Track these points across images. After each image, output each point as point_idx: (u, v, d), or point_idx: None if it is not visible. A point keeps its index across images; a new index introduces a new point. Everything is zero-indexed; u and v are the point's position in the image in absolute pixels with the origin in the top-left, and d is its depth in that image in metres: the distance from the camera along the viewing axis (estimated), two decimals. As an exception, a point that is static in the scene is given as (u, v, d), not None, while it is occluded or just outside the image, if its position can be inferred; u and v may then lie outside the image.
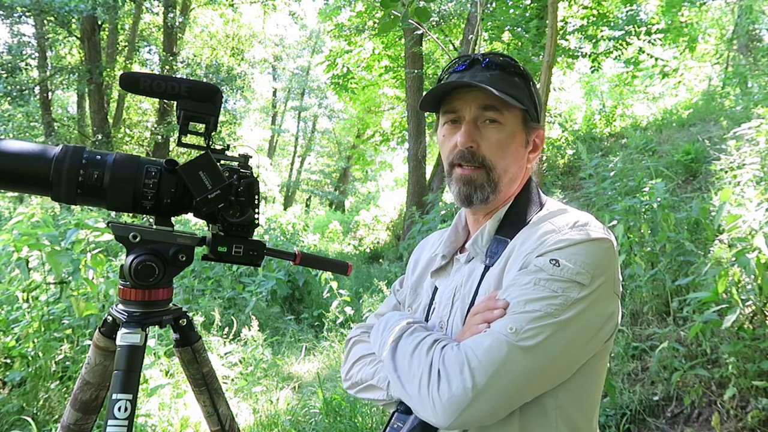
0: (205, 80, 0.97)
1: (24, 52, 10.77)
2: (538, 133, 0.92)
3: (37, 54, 11.47)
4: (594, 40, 7.11)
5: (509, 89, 0.85)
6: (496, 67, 0.87)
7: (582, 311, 0.73)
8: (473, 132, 0.87)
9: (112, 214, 4.51)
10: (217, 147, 0.89)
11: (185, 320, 0.94)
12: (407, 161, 9.71)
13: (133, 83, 0.81)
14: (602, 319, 0.77)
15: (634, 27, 6.76)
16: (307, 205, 22.25)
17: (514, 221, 0.88)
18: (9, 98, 9.88)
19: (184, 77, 0.91)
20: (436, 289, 0.95)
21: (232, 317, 4.27)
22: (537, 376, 0.72)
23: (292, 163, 24.94)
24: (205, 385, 0.97)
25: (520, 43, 6.77)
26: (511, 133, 0.87)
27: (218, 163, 0.85)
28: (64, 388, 2.57)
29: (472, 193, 0.88)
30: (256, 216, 0.89)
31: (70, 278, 2.70)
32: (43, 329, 2.63)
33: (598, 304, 0.75)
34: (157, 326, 0.89)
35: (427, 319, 0.93)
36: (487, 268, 0.86)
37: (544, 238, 0.79)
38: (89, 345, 0.93)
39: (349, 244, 10.86)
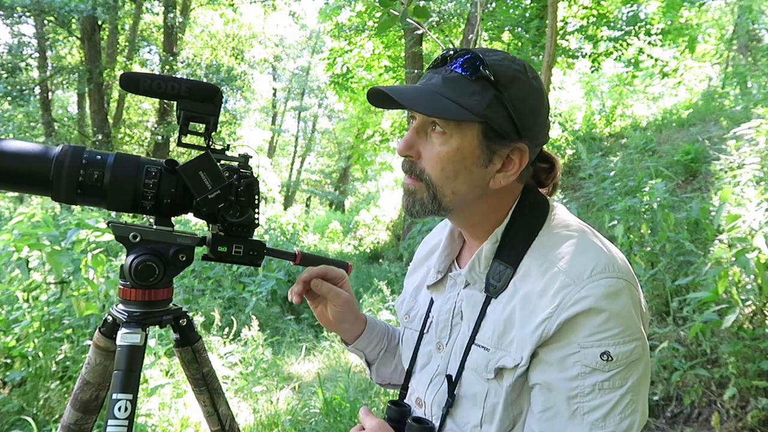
0: (205, 80, 0.96)
1: (24, 52, 10.79)
2: (513, 149, 0.75)
3: (37, 54, 11.48)
4: (594, 41, 7.11)
5: (459, 95, 0.72)
6: (460, 68, 0.74)
7: (646, 375, 0.71)
8: (414, 140, 0.78)
9: (113, 214, 4.51)
10: (217, 147, 0.89)
11: (185, 320, 0.94)
12: (407, 161, 9.67)
13: (134, 83, 0.81)
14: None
15: (634, 27, 6.76)
16: (307, 205, 22.27)
17: (514, 243, 0.78)
18: (9, 98, 9.89)
19: (184, 77, 0.91)
20: (432, 302, 0.91)
21: (232, 317, 4.27)
22: None
23: (292, 163, 24.96)
24: (205, 385, 0.97)
25: (520, 43, 6.76)
26: (456, 149, 0.74)
27: (218, 163, 0.85)
28: (64, 388, 2.57)
29: (411, 206, 0.80)
30: (256, 216, 0.89)
31: (71, 278, 2.70)
32: (43, 329, 2.63)
33: (648, 352, 0.72)
34: (157, 326, 0.89)
35: (422, 331, 0.91)
36: (488, 298, 0.78)
37: (562, 295, 0.69)
38: (89, 345, 0.93)
39: (349, 244, 10.86)
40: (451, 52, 0.76)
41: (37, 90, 11.30)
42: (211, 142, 0.87)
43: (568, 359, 0.69)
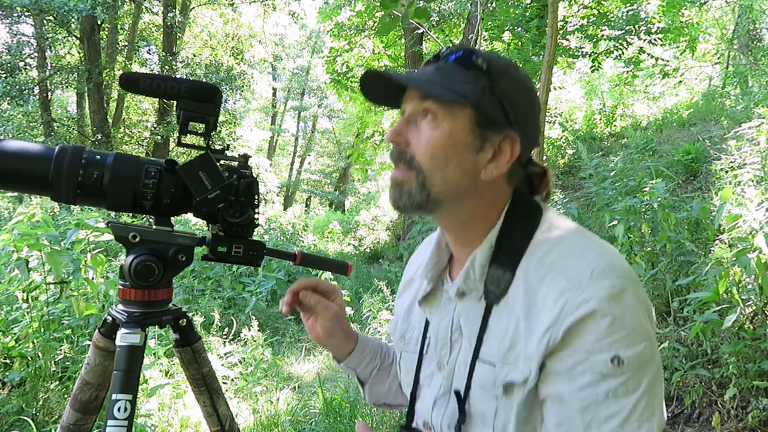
0: (204, 80, 0.96)
1: (23, 52, 10.77)
2: (505, 138, 0.74)
3: (36, 54, 11.48)
4: (594, 40, 7.11)
5: (452, 82, 0.72)
6: (453, 59, 0.75)
7: (660, 375, 0.67)
8: (404, 127, 0.76)
9: (112, 214, 4.51)
10: (217, 147, 0.89)
11: (185, 320, 0.94)
12: (407, 161, 9.67)
13: (133, 83, 0.81)
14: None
15: (634, 27, 6.76)
16: (307, 205, 22.26)
17: (510, 247, 0.74)
18: (8, 98, 9.88)
19: (184, 77, 0.91)
20: (427, 322, 0.86)
21: (232, 317, 4.27)
22: None
23: (292, 163, 24.97)
24: (205, 386, 0.96)
25: (520, 43, 6.76)
26: (448, 133, 0.72)
27: (218, 163, 0.85)
28: (64, 389, 2.57)
29: (398, 197, 0.75)
30: (255, 216, 0.88)
31: (70, 278, 2.70)
32: (42, 329, 2.63)
33: (658, 351, 0.69)
34: (156, 326, 0.89)
35: (421, 353, 0.86)
36: (489, 307, 0.74)
37: (563, 300, 0.67)
38: (89, 345, 0.93)
39: (349, 244, 10.85)
40: (445, 49, 0.77)
41: (37, 90, 11.30)
42: (210, 142, 0.87)
43: (577, 368, 0.65)
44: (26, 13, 9.86)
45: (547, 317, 0.67)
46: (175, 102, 0.83)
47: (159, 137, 11.74)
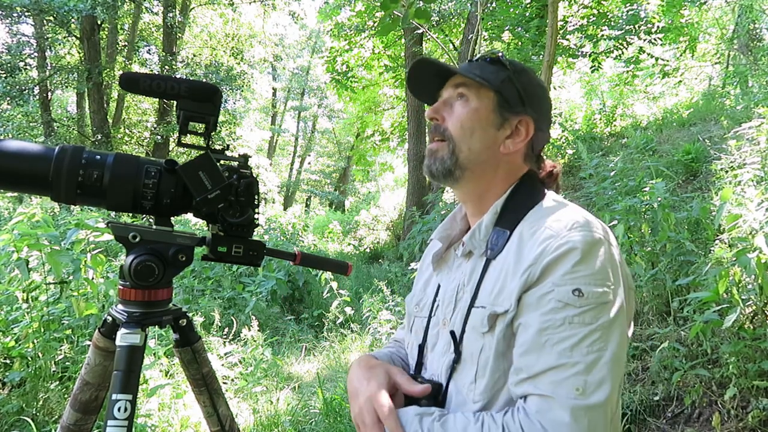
0: (204, 80, 0.96)
1: (23, 52, 10.77)
2: (521, 120, 0.90)
3: (36, 54, 11.47)
4: (594, 40, 7.10)
5: (480, 72, 0.90)
6: (482, 59, 0.93)
7: (619, 325, 0.74)
8: (441, 107, 0.92)
9: (112, 214, 4.51)
10: (217, 147, 0.89)
11: (185, 320, 0.94)
12: (407, 161, 9.72)
13: (133, 83, 0.81)
14: (627, 317, 0.78)
15: (634, 27, 6.75)
16: (307, 205, 22.26)
17: (512, 213, 0.87)
18: (8, 98, 9.88)
19: (184, 77, 0.91)
20: (439, 287, 0.95)
21: (232, 317, 4.27)
22: (611, 411, 0.71)
23: (292, 163, 24.97)
24: (205, 386, 0.97)
25: (520, 43, 6.77)
26: (475, 109, 0.89)
27: (218, 163, 0.85)
28: (64, 389, 2.57)
29: (431, 163, 0.91)
30: (255, 216, 0.89)
31: (70, 278, 2.70)
32: (42, 329, 2.63)
33: (623, 308, 0.76)
34: (156, 326, 0.89)
35: (430, 316, 0.94)
36: (488, 261, 0.85)
37: (545, 245, 0.77)
38: (89, 345, 0.93)
39: (349, 244, 10.85)
40: (479, 55, 0.94)
41: (37, 90, 11.29)
42: (210, 142, 0.87)
43: (545, 297, 0.74)
44: (26, 13, 9.86)
45: (529, 258, 0.77)
46: (175, 102, 0.83)
47: (159, 137, 11.72)
